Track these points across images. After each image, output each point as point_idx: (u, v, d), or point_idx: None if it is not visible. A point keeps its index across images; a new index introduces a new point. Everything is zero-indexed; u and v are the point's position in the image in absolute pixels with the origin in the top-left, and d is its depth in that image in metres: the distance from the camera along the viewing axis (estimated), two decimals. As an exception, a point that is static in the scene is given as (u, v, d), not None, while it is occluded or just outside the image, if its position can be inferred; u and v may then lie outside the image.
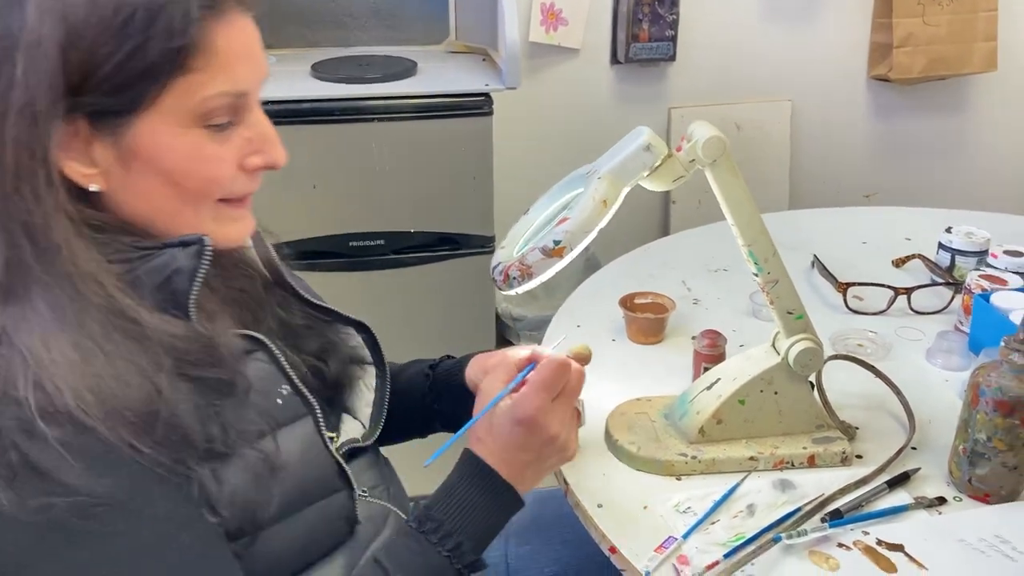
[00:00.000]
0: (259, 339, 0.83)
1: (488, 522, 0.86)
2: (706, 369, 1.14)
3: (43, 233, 0.69)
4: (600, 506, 0.98)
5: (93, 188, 0.73)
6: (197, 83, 0.72)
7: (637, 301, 1.32)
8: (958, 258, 1.41)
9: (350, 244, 1.98)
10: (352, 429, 0.94)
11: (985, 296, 1.23)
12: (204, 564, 0.73)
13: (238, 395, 0.76)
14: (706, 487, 1.00)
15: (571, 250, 0.92)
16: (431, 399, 1.05)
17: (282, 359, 0.84)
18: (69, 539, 0.66)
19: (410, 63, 2.06)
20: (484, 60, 2.17)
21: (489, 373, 0.93)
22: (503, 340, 2.32)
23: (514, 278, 0.93)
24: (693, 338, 1.20)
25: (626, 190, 0.95)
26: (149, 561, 0.69)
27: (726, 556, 0.90)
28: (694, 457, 1.02)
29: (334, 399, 0.94)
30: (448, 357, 1.08)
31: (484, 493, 0.85)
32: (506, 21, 1.92)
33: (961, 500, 0.99)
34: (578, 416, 0.93)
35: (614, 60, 2.43)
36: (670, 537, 0.93)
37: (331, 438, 0.87)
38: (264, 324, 0.87)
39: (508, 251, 1.00)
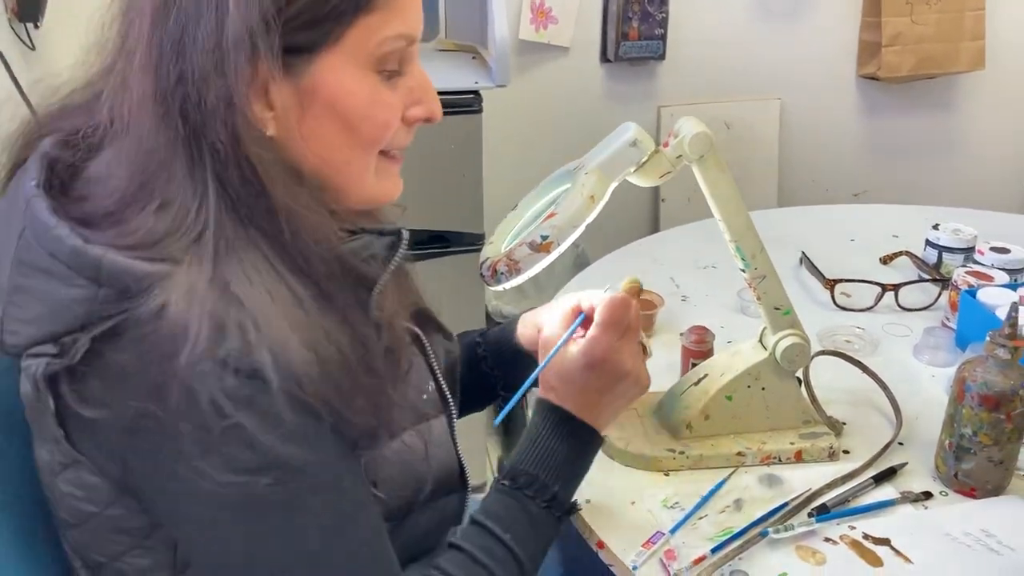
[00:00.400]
0: (417, 335, 0.85)
1: (576, 465, 0.88)
2: (694, 365, 1.14)
3: (269, 184, 0.68)
4: (588, 501, 0.98)
5: (269, 132, 0.72)
6: (378, 23, 0.72)
7: (626, 297, 1.32)
8: (945, 255, 1.42)
9: (340, 242, 1.97)
10: None
11: (971, 292, 1.24)
12: (377, 543, 0.74)
13: (400, 387, 0.78)
14: (694, 483, 1.00)
15: (558, 245, 0.92)
16: (488, 366, 1.07)
17: (432, 357, 0.86)
18: (262, 511, 0.67)
19: (400, 61, 2.06)
20: (474, 58, 2.17)
21: (545, 325, 0.94)
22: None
23: (502, 273, 0.93)
24: (681, 334, 1.20)
25: (613, 185, 0.95)
26: (334, 538, 0.70)
27: (713, 551, 0.90)
28: (682, 453, 1.03)
29: None
30: (497, 322, 1.10)
31: (568, 438, 0.87)
32: (495, 19, 1.92)
33: (947, 495, 0.99)
34: (644, 350, 0.95)
35: (604, 58, 2.43)
36: (658, 532, 0.93)
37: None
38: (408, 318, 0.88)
39: (496, 247, 1.00)
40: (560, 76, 2.42)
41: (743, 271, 1.01)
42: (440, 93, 2.03)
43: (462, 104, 1.95)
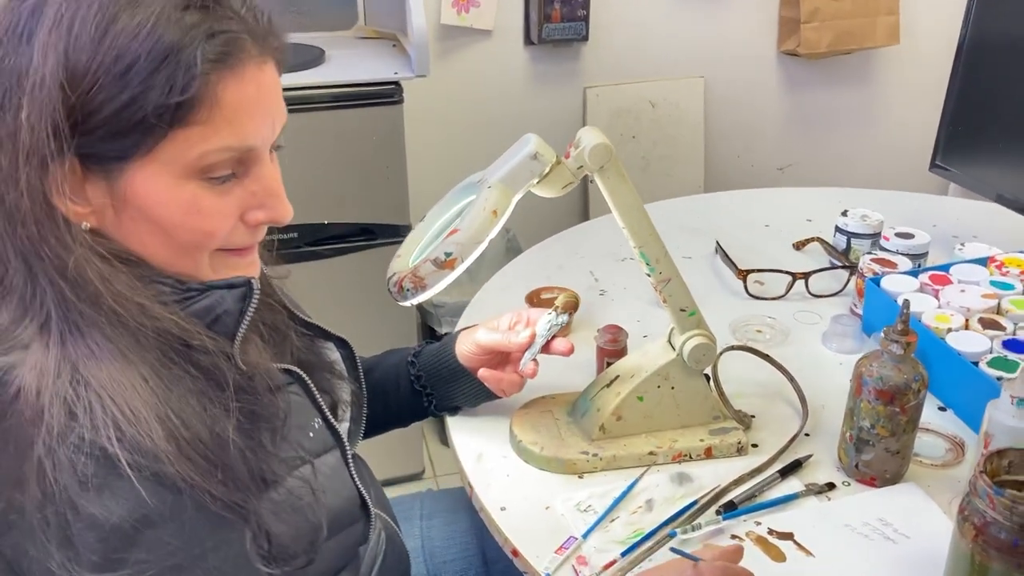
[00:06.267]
0: (296, 372, 0.85)
1: None
2: (609, 364, 1.16)
3: (81, 275, 0.68)
4: (503, 509, 1.00)
5: (85, 226, 0.71)
6: (198, 136, 0.69)
7: (543, 296, 1.34)
8: (854, 241, 1.45)
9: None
10: None
11: (876, 280, 1.28)
12: None
13: (277, 430, 0.77)
14: (607, 484, 1.02)
15: (463, 262, 0.92)
16: (422, 384, 1.09)
17: (316, 393, 0.86)
18: None
19: (318, 51, 2.03)
20: (395, 46, 2.15)
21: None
22: (426, 328, 2.32)
23: (408, 290, 0.94)
24: (597, 331, 1.21)
25: (517, 198, 0.96)
26: None
27: (623, 554, 0.92)
28: (595, 455, 1.05)
29: None
30: (429, 342, 1.13)
31: None
32: (413, 7, 1.90)
33: (849, 485, 1.03)
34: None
35: (527, 41, 2.43)
36: (571, 537, 0.95)
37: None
38: (286, 357, 0.87)
39: (404, 260, 1.00)
40: (484, 60, 2.41)
41: (648, 275, 1.02)
42: (358, 84, 2.03)
43: (382, 95, 1.93)
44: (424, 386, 1.10)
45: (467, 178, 1.02)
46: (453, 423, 1.13)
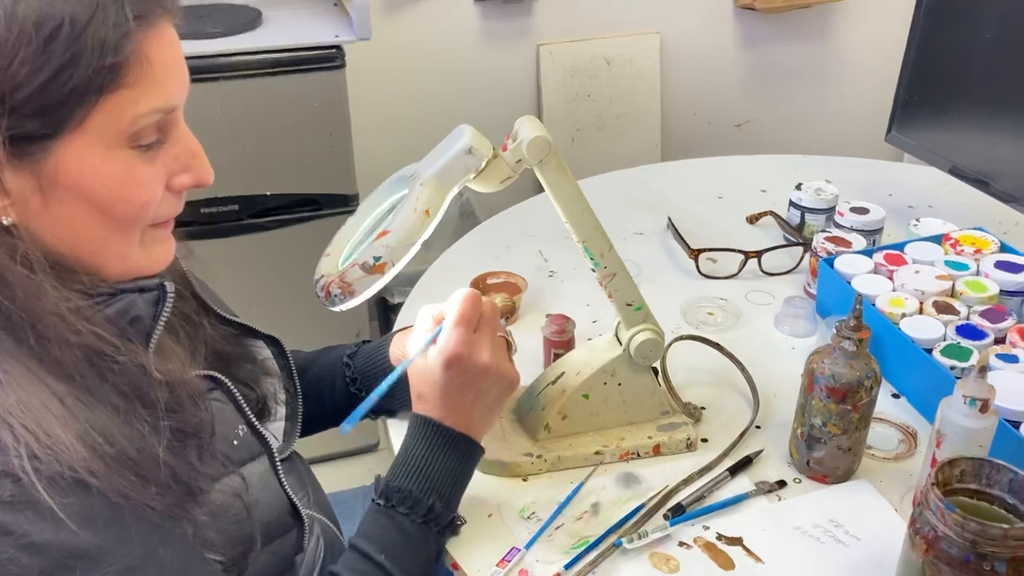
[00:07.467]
0: (218, 378, 0.81)
1: (452, 477, 0.87)
2: (557, 355, 1.12)
3: (3, 284, 0.63)
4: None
5: (6, 221, 0.65)
6: (128, 100, 0.65)
7: (489, 282, 1.29)
8: (808, 216, 1.41)
9: (202, 211, 1.88)
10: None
11: (829, 261, 1.24)
12: None
13: (204, 446, 0.73)
14: (552, 487, 0.99)
15: (393, 265, 0.87)
16: (357, 387, 1.05)
17: (240, 398, 0.83)
18: None
19: (254, 12, 1.93)
20: (336, 4, 2.05)
21: (409, 342, 0.94)
22: (379, 298, 2.27)
23: (336, 296, 0.88)
24: (546, 317, 1.17)
25: (452, 194, 0.90)
26: None
27: (567, 567, 0.89)
28: (540, 456, 1.01)
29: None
30: (365, 342, 1.09)
31: (440, 449, 0.87)
32: (353, -34, 1.81)
33: (801, 482, 1.00)
34: (508, 346, 0.95)
35: (477, -4, 2.34)
36: (513, 548, 0.91)
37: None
38: (199, 352, 0.83)
39: (333, 260, 0.94)
40: (431, 18, 2.32)
41: (593, 270, 0.98)
42: (297, 49, 1.93)
43: (322, 60, 1.85)
44: (360, 388, 1.05)
45: (401, 169, 0.96)
46: (393, 426, 1.08)
